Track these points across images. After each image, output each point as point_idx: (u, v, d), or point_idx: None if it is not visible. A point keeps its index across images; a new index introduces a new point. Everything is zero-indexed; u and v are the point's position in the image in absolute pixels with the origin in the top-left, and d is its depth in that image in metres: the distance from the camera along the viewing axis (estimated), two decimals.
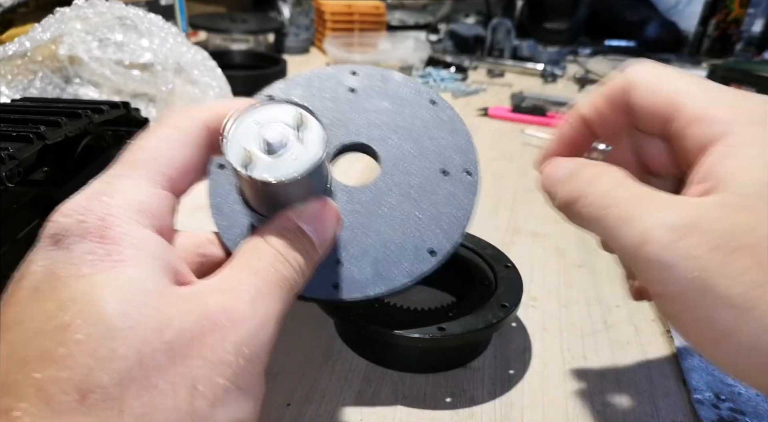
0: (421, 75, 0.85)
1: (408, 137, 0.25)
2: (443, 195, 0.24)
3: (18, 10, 0.58)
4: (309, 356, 0.29)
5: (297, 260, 0.18)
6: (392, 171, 0.25)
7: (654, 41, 1.09)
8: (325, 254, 0.20)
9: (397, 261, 0.23)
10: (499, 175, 0.53)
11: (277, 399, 0.26)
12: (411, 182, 0.24)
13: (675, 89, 0.20)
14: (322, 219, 0.19)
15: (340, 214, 0.21)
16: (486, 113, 0.70)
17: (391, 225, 0.24)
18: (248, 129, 0.18)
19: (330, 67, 0.27)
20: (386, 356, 0.28)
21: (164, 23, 0.48)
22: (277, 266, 0.17)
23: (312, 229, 0.19)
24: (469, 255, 0.33)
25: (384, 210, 0.24)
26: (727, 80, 0.81)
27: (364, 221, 0.24)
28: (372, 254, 0.23)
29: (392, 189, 0.24)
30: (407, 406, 0.26)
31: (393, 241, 0.24)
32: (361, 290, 0.23)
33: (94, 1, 0.45)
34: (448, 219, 0.24)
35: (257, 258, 0.17)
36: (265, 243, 0.18)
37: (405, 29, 1.16)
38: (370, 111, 0.26)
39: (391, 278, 0.23)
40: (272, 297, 0.17)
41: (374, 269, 0.23)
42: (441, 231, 0.24)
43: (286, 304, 0.18)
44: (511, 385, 0.28)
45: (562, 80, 0.90)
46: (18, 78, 0.43)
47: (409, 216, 0.24)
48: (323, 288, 0.23)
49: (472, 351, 0.29)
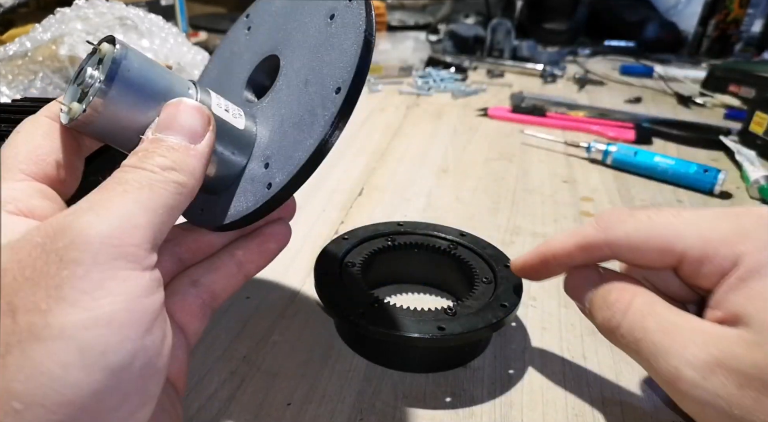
0: (420, 75, 0.85)
1: (299, 52, 0.23)
2: (306, 105, 0.22)
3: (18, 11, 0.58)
4: (309, 356, 0.29)
5: (158, 164, 0.17)
6: (282, 86, 0.23)
7: (653, 42, 1.10)
8: (207, 147, 0.19)
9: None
10: (499, 175, 0.53)
11: (277, 399, 0.26)
12: (291, 97, 0.23)
13: (665, 238, 0.20)
14: (171, 120, 0.18)
15: (198, 105, 0.19)
16: (486, 113, 0.71)
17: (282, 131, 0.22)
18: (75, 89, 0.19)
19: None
20: (386, 356, 0.29)
21: (165, 24, 0.48)
22: (133, 177, 0.17)
23: (168, 132, 0.18)
24: (469, 255, 0.33)
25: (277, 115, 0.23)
26: (727, 80, 0.82)
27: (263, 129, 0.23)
28: (272, 153, 0.22)
29: (282, 99, 0.23)
30: (407, 406, 0.26)
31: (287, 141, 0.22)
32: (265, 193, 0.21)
33: (94, 2, 0.45)
34: (300, 145, 0.21)
35: (114, 181, 0.17)
36: (119, 170, 0.17)
37: (405, 29, 1.17)
38: (265, 38, 0.26)
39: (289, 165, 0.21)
40: (127, 200, 0.16)
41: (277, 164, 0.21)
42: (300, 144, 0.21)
43: (164, 203, 0.17)
44: (510, 385, 0.28)
45: (561, 80, 0.90)
46: (19, 78, 0.43)
47: (287, 134, 0.22)
48: (243, 203, 0.22)
49: (472, 350, 0.29)
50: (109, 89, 0.18)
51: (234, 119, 0.21)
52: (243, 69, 0.26)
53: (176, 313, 0.22)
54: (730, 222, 0.19)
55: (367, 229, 0.34)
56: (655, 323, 0.19)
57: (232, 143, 0.21)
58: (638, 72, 0.94)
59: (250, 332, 0.31)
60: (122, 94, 0.18)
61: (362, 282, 0.30)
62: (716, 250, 0.19)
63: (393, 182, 0.50)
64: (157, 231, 0.16)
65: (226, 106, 0.21)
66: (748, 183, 0.53)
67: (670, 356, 0.18)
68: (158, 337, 0.16)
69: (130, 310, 0.15)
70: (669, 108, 0.78)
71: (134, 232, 0.15)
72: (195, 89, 0.21)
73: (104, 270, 0.14)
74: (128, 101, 0.18)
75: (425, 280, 0.35)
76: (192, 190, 0.18)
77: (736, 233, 0.19)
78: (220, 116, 0.21)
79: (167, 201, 0.17)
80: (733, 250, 0.19)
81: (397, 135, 0.62)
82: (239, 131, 0.21)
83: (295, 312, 0.33)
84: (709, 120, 0.72)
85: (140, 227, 0.16)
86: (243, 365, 0.28)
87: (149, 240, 0.16)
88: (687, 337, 0.18)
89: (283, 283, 0.35)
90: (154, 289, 0.16)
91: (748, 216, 0.19)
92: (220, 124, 0.20)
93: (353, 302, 0.27)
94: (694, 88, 0.86)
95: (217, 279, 0.22)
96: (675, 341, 0.18)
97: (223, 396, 0.26)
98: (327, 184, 0.49)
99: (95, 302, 0.14)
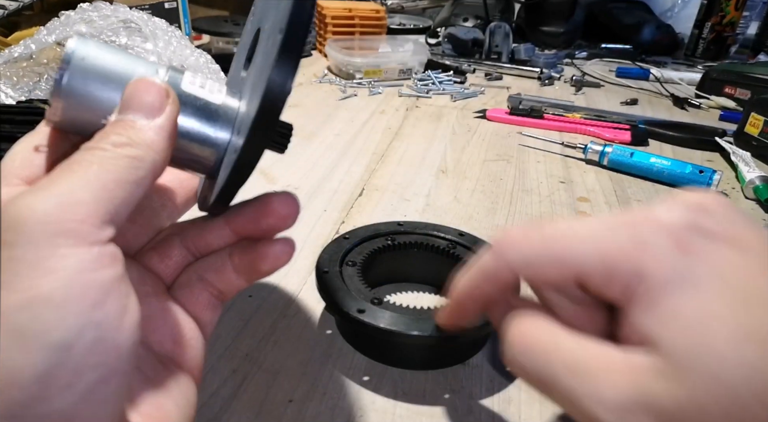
0: (420, 78, 0.86)
1: (270, 17, 0.23)
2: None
3: (23, 13, 0.58)
4: (310, 353, 0.29)
5: (110, 141, 0.17)
6: (258, 52, 0.24)
7: (650, 44, 1.10)
8: (167, 120, 0.18)
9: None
10: (497, 176, 0.54)
11: (278, 396, 0.27)
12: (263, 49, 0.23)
13: (559, 257, 0.18)
14: (129, 100, 0.18)
15: (152, 80, 0.19)
16: (484, 115, 0.71)
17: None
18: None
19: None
20: (386, 353, 0.29)
21: (168, 26, 0.49)
22: (83, 156, 0.17)
23: (126, 112, 0.18)
24: (467, 254, 0.33)
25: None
26: (722, 82, 0.82)
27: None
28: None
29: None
30: (407, 402, 0.27)
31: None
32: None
33: (99, 5, 0.46)
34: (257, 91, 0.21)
35: (66, 163, 0.17)
36: (75, 153, 0.17)
37: (405, 33, 1.17)
38: (257, 17, 0.26)
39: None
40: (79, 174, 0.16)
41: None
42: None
43: (130, 179, 0.17)
44: (508, 382, 0.28)
45: (558, 83, 0.91)
46: (23, 80, 0.44)
47: (252, 95, 0.21)
48: (222, 179, 0.21)
49: (470, 348, 0.30)
50: (62, 81, 0.18)
51: (210, 94, 0.21)
52: (243, 53, 0.27)
53: (187, 305, 0.22)
54: (627, 231, 0.17)
55: (368, 229, 0.35)
56: (562, 364, 0.17)
57: (209, 119, 0.21)
58: (634, 74, 0.95)
59: (251, 330, 0.31)
60: (79, 84, 0.18)
61: (363, 281, 0.30)
62: (616, 265, 0.17)
63: (393, 183, 0.51)
64: (112, 205, 0.16)
65: (202, 83, 0.21)
66: (744, 183, 0.53)
67: (584, 400, 0.16)
68: (113, 311, 0.15)
69: (70, 286, 0.14)
70: (665, 110, 0.79)
71: (76, 209, 0.15)
72: (165, 71, 0.20)
73: (41, 249, 0.14)
74: (88, 91, 0.18)
75: (425, 279, 0.36)
76: (153, 163, 0.17)
77: (634, 244, 0.17)
78: (191, 93, 0.20)
79: (121, 175, 0.16)
80: (634, 265, 0.17)
81: (397, 136, 0.63)
82: (215, 105, 0.21)
83: (297, 310, 0.33)
84: (704, 121, 0.73)
85: (83, 203, 0.15)
86: (245, 363, 0.29)
87: (98, 214, 0.15)
88: (599, 377, 0.16)
89: (284, 282, 0.35)
90: (105, 263, 0.15)
91: (645, 224, 0.17)
92: (192, 100, 0.20)
93: (354, 300, 0.28)
94: (689, 90, 0.86)
95: (219, 278, 0.22)
96: (586, 382, 0.16)
97: (225, 394, 0.26)
98: (328, 184, 0.50)
99: (31, 282, 0.14)
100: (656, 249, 0.16)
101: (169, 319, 0.21)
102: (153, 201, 0.24)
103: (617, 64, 1.01)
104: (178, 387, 0.20)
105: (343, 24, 0.96)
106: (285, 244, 0.22)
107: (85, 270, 0.15)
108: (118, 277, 0.16)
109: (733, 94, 0.81)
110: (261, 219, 0.22)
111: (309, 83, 0.83)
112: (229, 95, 0.21)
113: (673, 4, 1.18)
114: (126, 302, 0.16)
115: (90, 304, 0.15)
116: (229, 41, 1.00)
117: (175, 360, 0.21)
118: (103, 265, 0.15)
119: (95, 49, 0.19)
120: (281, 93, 0.18)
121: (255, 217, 0.22)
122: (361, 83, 0.82)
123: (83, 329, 0.14)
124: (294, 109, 0.70)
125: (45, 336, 0.14)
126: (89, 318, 0.15)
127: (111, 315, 0.15)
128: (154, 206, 0.24)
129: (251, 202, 0.22)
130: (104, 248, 0.16)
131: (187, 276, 0.22)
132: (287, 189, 0.49)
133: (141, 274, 0.22)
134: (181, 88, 0.20)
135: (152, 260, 0.23)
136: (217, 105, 0.21)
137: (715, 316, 0.15)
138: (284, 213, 0.21)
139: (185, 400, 0.20)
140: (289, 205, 0.21)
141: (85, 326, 0.14)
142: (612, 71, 0.97)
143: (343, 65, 0.83)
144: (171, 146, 0.19)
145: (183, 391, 0.20)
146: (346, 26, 0.96)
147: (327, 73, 0.88)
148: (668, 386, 0.15)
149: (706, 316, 0.15)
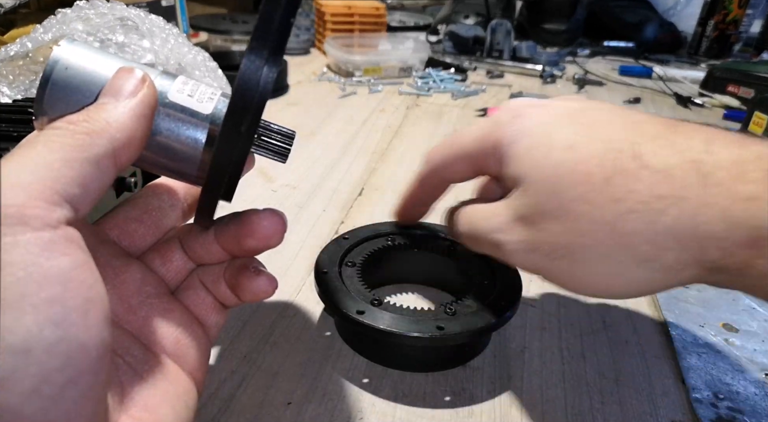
0: (420, 76, 0.85)
1: None
2: None
3: (19, 11, 0.58)
4: (309, 355, 0.29)
5: (66, 119, 0.17)
6: None
7: (652, 42, 1.10)
8: (137, 102, 0.18)
9: None
10: None
11: (278, 398, 0.26)
12: None
13: (457, 151, 0.26)
14: (108, 86, 0.18)
15: (128, 67, 0.19)
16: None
17: None
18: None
19: None
20: (386, 355, 0.29)
21: (165, 24, 0.48)
22: (34, 138, 0.16)
23: (104, 96, 0.18)
24: (468, 254, 0.33)
25: None
26: (726, 81, 0.82)
27: None
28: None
29: None
30: (407, 405, 0.26)
31: None
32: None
33: (95, 2, 0.45)
34: None
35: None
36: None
37: (405, 30, 1.17)
38: None
39: None
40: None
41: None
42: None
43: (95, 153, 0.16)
44: (510, 384, 0.28)
45: (561, 81, 0.90)
46: (20, 78, 0.43)
47: None
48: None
49: (471, 350, 0.30)
50: (47, 88, 0.18)
51: (199, 104, 0.20)
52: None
53: (192, 306, 0.22)
54: (490, 121, 0.25)
55: (367, 229, 0.34)
56: (481, 221, 0.25)
57: (194, 127, 0.20)
58: (637, 72, 0.94)
59: (250, 331, 0.31)
60: (62, 89, 0.18)
61: (362, 281, 0.30)
62: (484, 144, 0.25)
63: (393, 182, 0.50)
64: (59, 184, 0.15)
65: (191, 92, 0.21)
66: None
67: (491, 235, 0.24)
68: (75, 305, 0.14)
69: (23, 281, 0.13)
70: (668, 108, 0.78)
71: (15, 192, 0.14)
72: (155, 75, 0.20)
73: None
74: (71, 94, 0.19)
75: (425, 280, 0.35)
76: (111, 140, 0.17)
77: (491, 125, 0.25)
78: (178, 102, 0.20)
79: (68, 154, 0.15)
80: (494, 138, 0.24)
81: (397, 135, 0.62)
82: (204, 115, 0.20)
83: (296, 311, 0.33)
84: (708, 120, 0.72)
85: (23, 185, 0.14)
86: (243, 364, 0.28)
87: (42, 196, 0.14)
88: (496, 217, 0.24)
89: (283, 282, 0.35)
90: (60, 250, 0.14)
91: (500, 113, 0.25)
92: (180, 110, 0.20)
93: (353, 301, 0.28)
94: (693, 88, 0.86)
95: (216, 289, 0.22)
96: (491, 224, 0.24)
97: (224, 395, 0.26)
98: (327, 184, 0.49)
99: None
100: (502, 123, 0.24)
101: (171, 320, 0.21)
102: (162, 201, 0.23)
103: (620, 62, 1.00)
104: (175, 389, 0.19)
105: (342, 21, 0.96)
106: (267, 283, 0.21)
107: (37, 261, 0.13)
108: (77, 265, 0.14)
109: (736, 92, 0.80)
110: (242, 239, 0.21)
111: (308, 81, 0.82)
112: (222, 100, 0.21)
113: (675, 1, 1.17)
114: (89, 295, 0.14)
115: (46, 299, 0.13)
116: (227, 39, 0.99)
117: (176, 361, 0.20)
118: (58, 252, 0.14)
119: (81, 57, 0.19)
120: (256, 86, 0.17)
121: (237, 237, 0.21)
122: (361, 81, 0.81)
123: (42, 329, 0.13)
124: (292, 107, 0.70)
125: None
126: (47, 315, 0.13)
127: (72, 311, 0.13)
128: (163, 206, 0.23)
129: (236, 217, 0.21)
130: (56, 232, 0.14)
131: (192, 279, 0.22)
132: (286, 188, 0.49)
133: (144, 275, 0.21)
134: (167, 97, 0.20)
135: (154, 262, 0.22)
136: (204, 114, 0.20)
137: (539, 145, 0.22)
138: (267, 233, 0.21)
139: (182, 403, 0.19)
140: (272, 224, 0.21)
141: (43, 325, 0.13)
142: (615, 69, 0.97)
143: (343, 63, 0.83)
144: (143, 129, 0.18)
145: (181, 394, 0.19)
146: (346, 23, 0.96)
147: (326, 70, 0.87)
148: (526, 196, 0.22)
149: (534, 147, 0.22)
